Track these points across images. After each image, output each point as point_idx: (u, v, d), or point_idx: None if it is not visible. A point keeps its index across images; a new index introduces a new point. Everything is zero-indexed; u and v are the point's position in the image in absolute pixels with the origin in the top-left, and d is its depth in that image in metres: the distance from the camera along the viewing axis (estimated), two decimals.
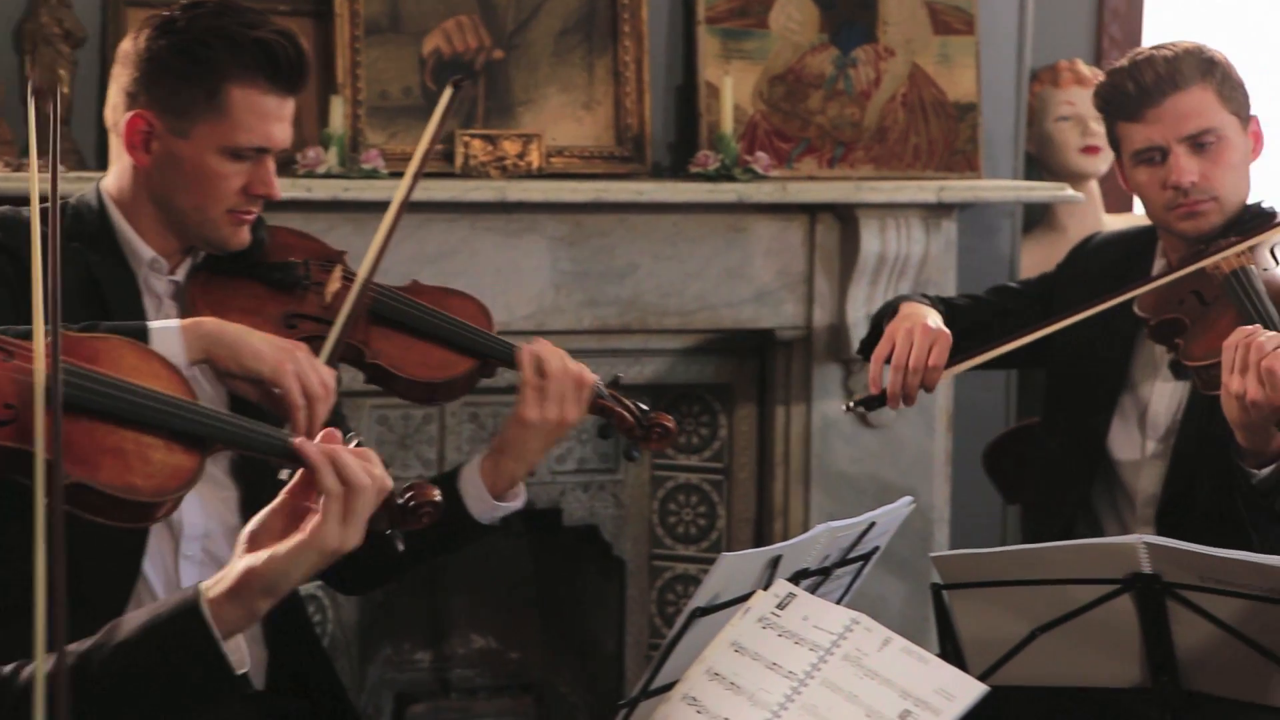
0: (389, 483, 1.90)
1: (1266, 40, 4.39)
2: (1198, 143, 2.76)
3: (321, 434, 1.91)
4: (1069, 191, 3.71)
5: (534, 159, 3.43)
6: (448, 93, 2.44)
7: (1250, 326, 2.54)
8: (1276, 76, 4.38)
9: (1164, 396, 2.87)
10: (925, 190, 3.57)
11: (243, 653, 1.86)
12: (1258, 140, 2.84)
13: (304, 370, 2.22)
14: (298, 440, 1.89)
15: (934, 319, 2.82)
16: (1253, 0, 4.39)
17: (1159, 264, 2.91)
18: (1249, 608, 2.25)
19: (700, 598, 2.17)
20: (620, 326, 3.56)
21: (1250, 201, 2.85)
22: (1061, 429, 2.97)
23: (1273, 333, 2.51)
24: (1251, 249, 2.73)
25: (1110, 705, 2.61)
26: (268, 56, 2.32)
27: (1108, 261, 2.96)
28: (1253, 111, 2.83)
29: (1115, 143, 2.88)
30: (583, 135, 3.53)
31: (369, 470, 1.86)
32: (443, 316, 2.50)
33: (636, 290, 3.54)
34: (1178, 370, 2.79)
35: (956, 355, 2.80)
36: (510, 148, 3.42)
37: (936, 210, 3.61)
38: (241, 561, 1.82)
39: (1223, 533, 2.57)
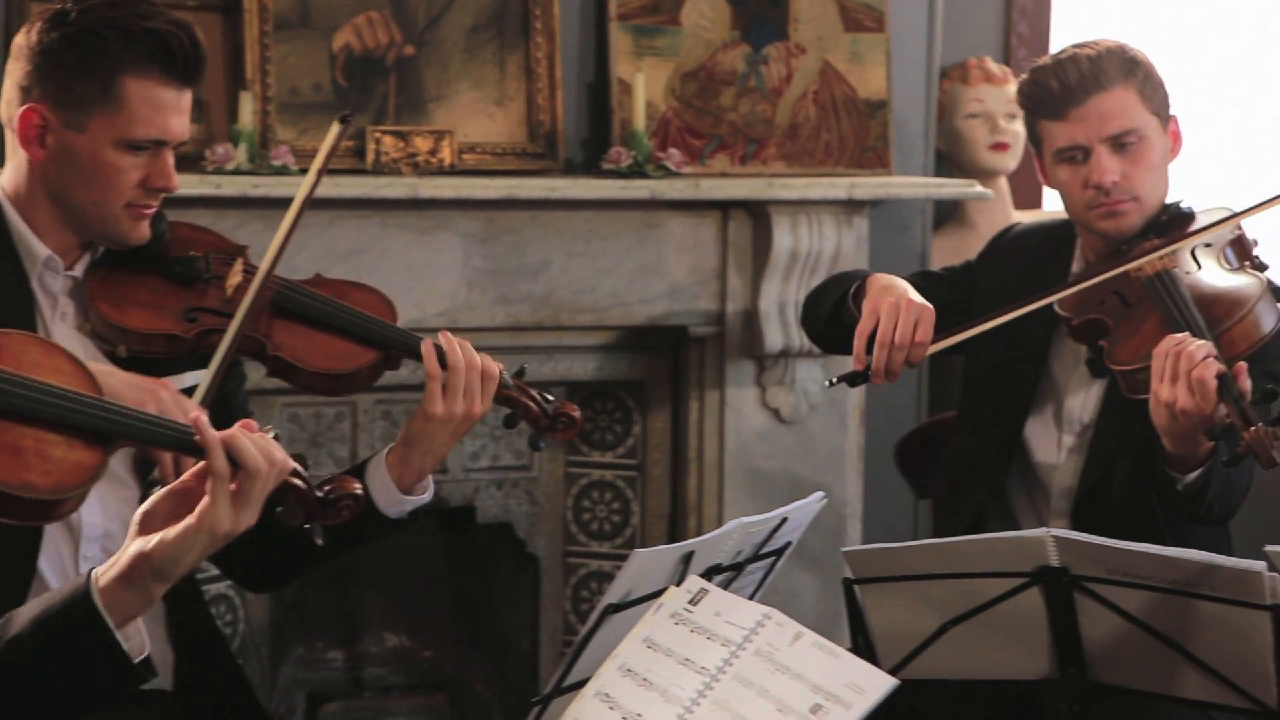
0: (290, 465, 1.91)
1: (1174, 38, 4.44)
2: (1119, 143, 2.78)
3: (239, 423, 1.91)
4: (978, 188, 3.74)
5: (446, 156, 3.42)
6: (335, 129, 2.41)
7: (1179, 335, 2.55)
8: (1184, 75, 4.43)
9: (1081, 393, 2.88)
10: (837, 187, 3.58)
11: (141, 638, 1.85)
12: (1176, 140, 2.86)
13: (167, 410, 2.17)
14: (195, 416, 1.89)
15: (914, 293, 2.79)
16: None
17: (1078, 262, 2.93)
18: (1155, 600, 2.28)
19: (613, 594, 2.18)
20: (533, 324, 3.56)
21: (1168, 201, 2.86)
22: (978, 420, 2.98)
23: (1202, 341, 2.53)
24: (1173, 252, 2.75)
25: (1019, 697, 2.64)
26: (162, 48, 2.29)
27: (1028, 252, 2.97)
28: (1172, 112, 2.85)
29: (1036, 140, 2.89)
30: (495, 132, 3.52)
31: (268, 454, 1.86)
32: (345, 308, 2.49)
33: (549, 287, 3.54)
34: (1095, 369, 2.80)
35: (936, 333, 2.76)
36: (422, 144, 3.41)
37: (848, 207, 3.62)
38: (133, 545, 1.81)
39: (1137, 529, 2.60)
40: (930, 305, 2.76)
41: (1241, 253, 2.81)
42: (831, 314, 2.92)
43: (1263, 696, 2.29)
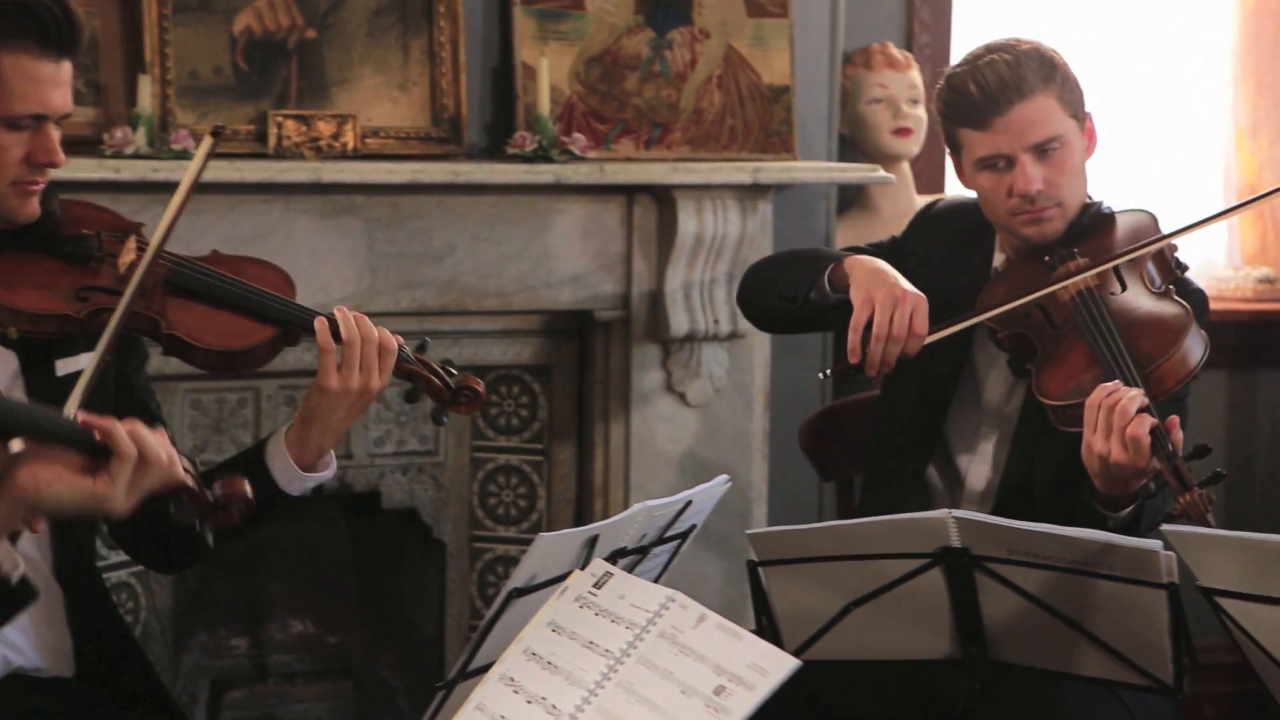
0: (179, 471, 1.93)
1: (1072, 21, 4.48)
2: (1042, 150, 2.75)
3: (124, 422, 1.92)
4: (881, 173, 3.76)
5: (349, 140, 3.40)
6: (207, 142, 2.38)
7: (1111, 384, 2.53)
8: (1083, 60, 4.47)
9: (1002, 386, 2.88)
10: (741, 171, 3.60)
11: (14, 559, 1.87)
12: (1092, 138, 2.85)
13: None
14: (84, 418, 1.92)
15: (904, 280, 2.76)
16: None
17: (999, 252, 2.91)
18: (1054, 579, 2.31)
19: (518, 578, 2.18)
20: (438, 308, 3.54)
21: (1088, 199, 2.85)
22: (900, 405, 2.96)
23: (1135, 392, 2.51)
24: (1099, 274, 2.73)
25: (921, 677, 2.67)
26: (34, 20, 2.25)
27: (954, 231, 2.93)
28: (1087, 110, 2.83)
29: (955, 146, 2.85)
30: (398, 116, 3.50)
31: (168, 449, 1.92)
32: (241, 284, 2.45)
33: (454, 272, 3.53)
34: (1017, 370, 2.79)
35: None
36: (325, 128, 3.39)
37: (752, 191, 3.64)
38: (23, 470, 1.88)
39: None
40: (923, 295, 2.73)
41: (1164, 269, 2.79)
42: (802, 296, 2.86)
43: (1159, 673, 2.33)
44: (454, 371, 2.55)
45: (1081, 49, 4.43)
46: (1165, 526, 2.21)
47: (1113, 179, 4.41)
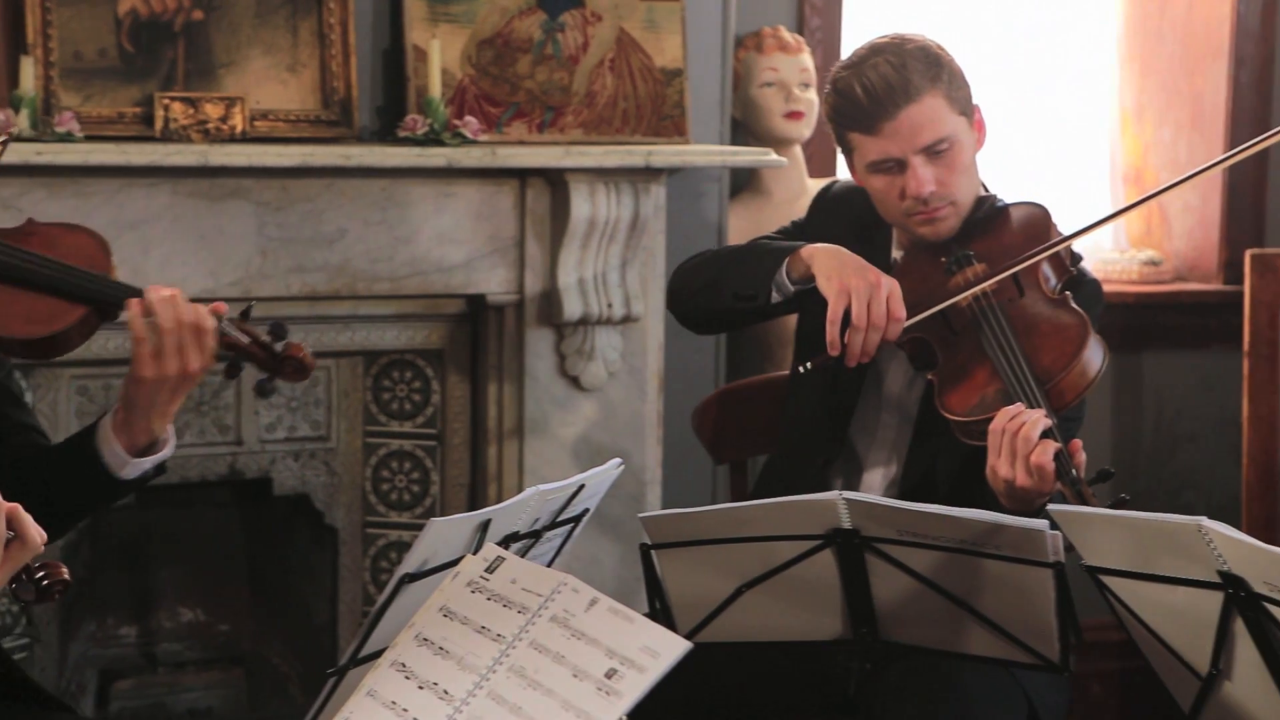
0: (42, 543, 1.90)
1: (959, 6, 4.52)
2: (933, 151, 2.75)
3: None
4: (773, 156, 3.77)
5: (237, 123, 3.36)
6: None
7: (1014, 408, 2.54)
8: (971, 45, 4.51)
9: (901, 377, 2.88)
10: (634, 155, 3.59)
11: None
12: (981, 131, 2.85)
13: None
14: None
15: (872, 266, 2.74)
16: None
17: (895, 242, 2.90)
18: (943, 559, 2.34)
19: (409, 563, 2.17)
20: (329, 293, 3.52)
21: (981, 193, 2.86)
22: (808, 392, 2.95)
23: (1037, 414, 2.51)
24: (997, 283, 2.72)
25: (812, 658, 2.68)
26: None
27: (854, 215, 2.91)
28: (974, 102, 2.83)
29: (846, 148, 2.84)
30: (288, 99, 3.47)
31: (42, 533, 1.87)
32: (44, 262, 2.32)
33: (346, 256, 3.50)
34: (916, 363, 2.79)
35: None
36: (212, 111, 3.35)
37: (645, 175, 3.64)
38: None
39: None
40: (895, 280, 2.72)
41: (1059, 267, 2.79)
42: (763, 293, 2.81)
43: (1046, 651, 2.36)
44: (280, 341, 2.43)
45: (969, 34, 4.49)
46: (1051, 506, 2.24)
47: (1000, 164, 4.46)
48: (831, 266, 2.75)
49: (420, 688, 1.99)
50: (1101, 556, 2.20)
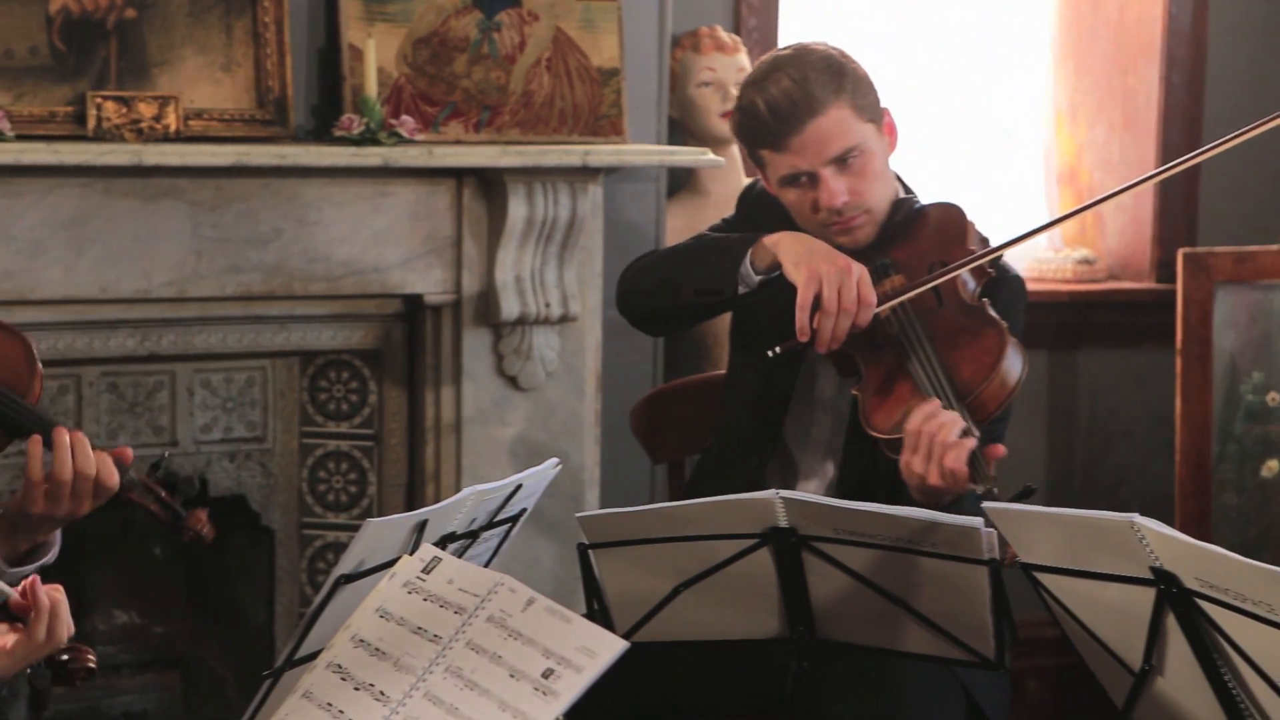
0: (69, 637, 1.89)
1: (893, 5, 4.54)
2: (843, 161, 2.74)
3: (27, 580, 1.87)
4: (711, 156, 3.77)
5: (171, 122, 3.34)
6: None
7: (930, 406, 2.55)
8: (904, 44, 4.54)
9: (832, 379, 2.87)
10: (571, 154, 3.59)
11: None
12: (893, 134, 2.84)
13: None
14: (30, 583, 1.85)
15: (837, 251, 2.73)
16: None
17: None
18: (879, 557, 2.35)
19: (345, 564, 2.17)
20: (265, 293, 3.50)
21: (900, 196, 2.85)
22: (742, 398, 2.95)
23: (951, 414, 2.53)
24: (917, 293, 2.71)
25: (750, 656, 2.69)
26: None
27: (778, 214, 2.88)
28: (883, 105, 2.82)
29: (759, 163, 2.83)
30: (222, 98, 3.45)
31: (70, 630, 1.88)
32: None
33: (281, 256, 3.49)
34: (841, 368, 2.80)
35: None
36: (146, 110, 3.32)
37: (582, 174, 3.64)
38: None
39: None
40: (860, 264, 2.70)
41: (977, 272, 2.78)
42: (729, 287, 2.79)
43: (982, 648, 2.37)
44: (182, 506, 2.46)
45: (902, 33, 4.51)
46: (986, 504, 2.25)
47: (934, 164, 4.49)
48: (799, 253, 2.73)
49: (357, 689, 1.98)
50: (1036, 553, 2.21)
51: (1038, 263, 4.63)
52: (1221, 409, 4.29)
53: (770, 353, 2.74)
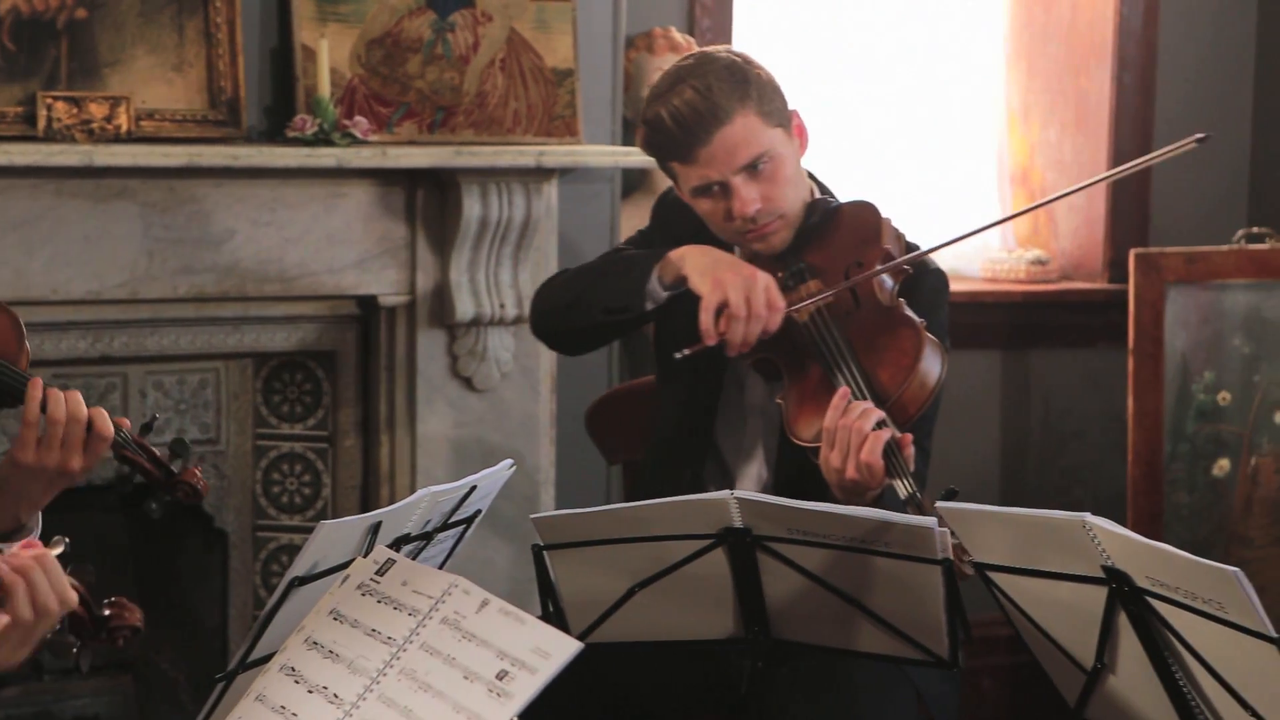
0: (74, 601, 1.82)
1: (845, 4, 4.55)
2: (753, 168, 2.72)
3: (23, 542, 1.82)
4: None
5: (123, 122, 3.32)
6: None
7: (843, 398, 2.55)
8: (856, 43, 4.55)
9: (760, 384, 2.87)
10: (525, 155, 3.59)
11: None
12: (802, 136, 2.82)
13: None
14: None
15: (744, 263, 2.73)
16: None
17: (737, 250, 2.86)
18: (834, 557, 2.35)
19: (299, 566, 2.16)
20: (218, 294, 3.49)
21: (814, 197, 2.83)
22: (671, 408, 2.94)
23: (865, 405, 2.53)
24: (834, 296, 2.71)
25: (705, 657, 2.69)
26: None
27: (696, 222, 2.86)
28: (791, 108, 2.80)
29: (671, 175, 2.82)
30: (174, 98, 3.43)
31: (61, 594, 1.82)
32: None
33: (234, 257, 3.47)
34: (766, 374, 2.80)
35: None
36: (97, 110, 3.31)
37: (537, 175, 3.63)
38: None
39: None
40: (767, 273, 2.70)
41: (894, 270, 2.77)
42: (636, 304, 2.78)
43: (935, 647, 2.38)
44: (176, 461, 2.44)
45: (855, 32, 4.52)
46: (940, 504, 2.26)
47: (886, 164, 4.50)
48: (704, 264, 2.73)
49: (310, 691, 1.98)
50: (989, 553, 2.22)
51: (991, 263, 4.65)
52: (1173, 409, 4.31)
53: (678, 355, 2.74)
